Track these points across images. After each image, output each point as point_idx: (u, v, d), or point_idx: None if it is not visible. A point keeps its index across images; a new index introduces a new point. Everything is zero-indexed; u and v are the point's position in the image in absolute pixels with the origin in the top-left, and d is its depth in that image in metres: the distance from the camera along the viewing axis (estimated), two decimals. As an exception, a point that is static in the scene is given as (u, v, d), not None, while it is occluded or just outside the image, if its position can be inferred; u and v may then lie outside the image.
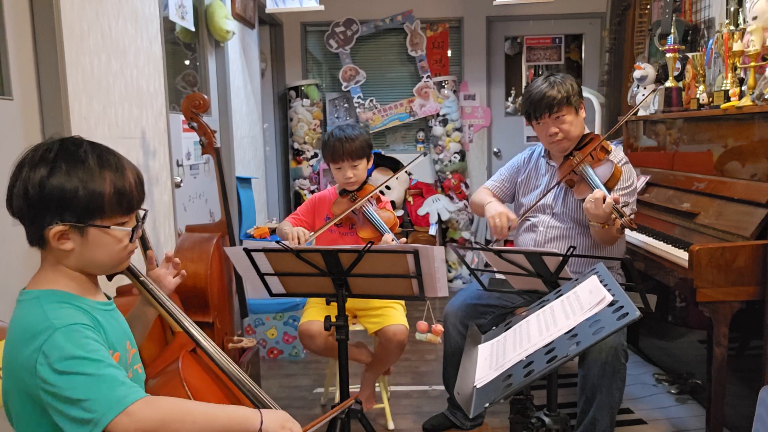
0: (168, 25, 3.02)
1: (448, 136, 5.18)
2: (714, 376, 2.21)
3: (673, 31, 3.13)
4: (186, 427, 1.12)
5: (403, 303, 2.64)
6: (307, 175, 5.26)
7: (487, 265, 2.15)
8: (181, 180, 3.00)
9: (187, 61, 3.58)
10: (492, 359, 1.38)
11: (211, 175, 3.53)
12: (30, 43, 2.01)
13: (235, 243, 2.78)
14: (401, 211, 4.93)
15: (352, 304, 2.36)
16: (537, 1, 4.13)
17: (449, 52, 5.34)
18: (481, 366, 1.39)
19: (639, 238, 2.67)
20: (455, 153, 5.18)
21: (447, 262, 4.94)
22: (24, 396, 1.12)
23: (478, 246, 2.17)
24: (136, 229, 1.24)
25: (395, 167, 4.77)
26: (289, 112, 5.26)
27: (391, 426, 2.70)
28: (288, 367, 3.46)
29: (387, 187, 4.53)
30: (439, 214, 4.96)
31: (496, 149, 5.42)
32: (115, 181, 1.17)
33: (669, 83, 3.10)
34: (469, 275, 3.99)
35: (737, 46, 2.48)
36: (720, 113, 2.55)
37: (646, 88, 3.35)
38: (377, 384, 2.72)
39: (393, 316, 2.50)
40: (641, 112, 3.32)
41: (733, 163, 2.52)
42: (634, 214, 2.10)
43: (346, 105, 5.40)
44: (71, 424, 1.07)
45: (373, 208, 2.48)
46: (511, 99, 5.56)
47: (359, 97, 5.25)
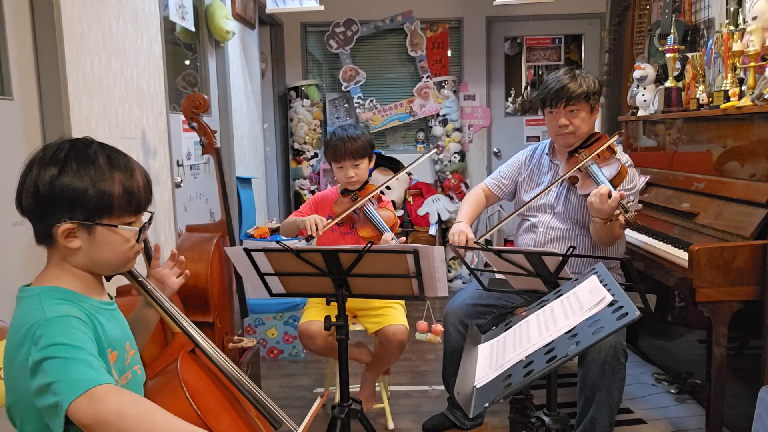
0: (168, 25, 3.02)
1: (448, 136, 5.18)
2: (713, 375, 2.21)
3: (672, 31, 3.13)
4: (142, 426, 1.04)
5: (403, 303, 2.64)
6: (307, 175, 5.26)
7: (487, 265, 2.15)
8: (181, 180, 3.00)
9: (187, 61, 3.58)
10: (492, 359, 1.38)
11: (211, 175, 3.53)
12: (30, 43, 2.01)
13: (235, 243, 2.78)
14: (401, 211, 4.93)
15: (352, 304, 2.36)
16: (537, 2, 4.13)
17: (449, 53, 5.35)
18: (481, 366, 1.39)
19: (639, 238, 2.67)
20: (455, 153, 5.18)
21: (447, 262, 4.94)
22: (26, 395, 1.11)
23: (478, 246, 2.17)
24: (143, 230, 1.25)
25: (395, 167, 4.78)
26: (289, 113, 5.26)
27: (391, 426, 2.70)
28: (288, 367, 3.46)
29: (387, 187, 4.53)
30: (439, 214, 4.96)
31: (495, 149, 5.42)
32: (124, 181, 1.19)
33: (669, 83, 3.10)
34: (469, 275, 3.99)
35: (737, 46, 2.48)
36: (720, 113, 2.55)
37: (646, 88, 3.35)
38: (377, 384, 2.72)
39: (393, 316, 2.50)
40: (641, 113, 3.32)
41: (733, 163, 2.52)
42: (637, 212, 2.10)
43: (346, 105, 5.40)
44: (49, 417, 1.04)
45: (374, 207, 2.49)
46: (510, 99, 5.56)
47: (359, 97, 5.25)
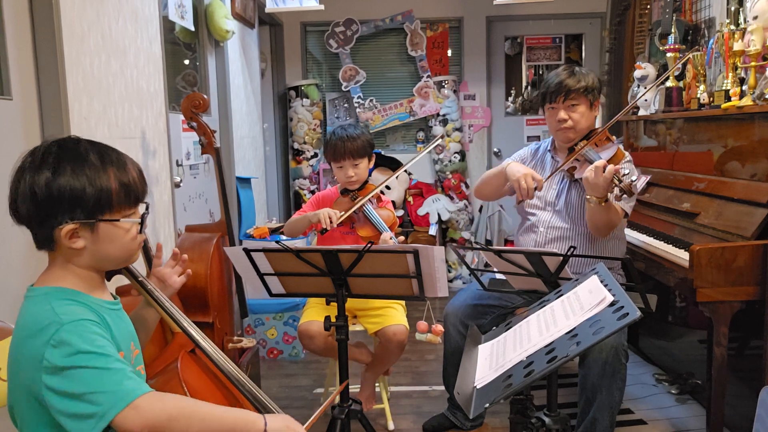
0: (168, 25, 3.02)
1: (448, 136, 5.18)
2: (714, 376, 2.21)
3: (673, 30, 3.12)
4: (193, 425, 1.12)
5: (403, 303, 2.63)
6: (307, 175, 5.26)
7: (487, 265, 2.15)
8: (180, 180, 3.00)
9: (186, 61, 3.57)
10: (492, 359, 1.38)
11: (210, 175, 3.53)
12: (30, 43, 2.00)
13: (234, 243, 2.78)
14: (401, 211, 4.93)
15: (352, 304, 2.36)
16: (537, 1, 4.13)
17: (449, 52, 5.34)
18: (481, 366, 1.39)
19: (639, 238, 2.67)
20: (455, 153, 5.18)
21: (447, 262, 4.94)
22: (27, 395, 1.11)
23: (478, 246, 2.17)
24: (143, 218, 1.26)
25: (395, 167, 4.77)
26: (289, 112, 5.26)
27: (391, 426, 2.70)
28: (288, 367, 3.46)
29: (387, 186, 4.52)
30: (439, 214, 4.96)
31: (496, 149, 5.42)
32: (119, 175, 1.19)
33: (669, 83, 3.10)
34: (469, 275, 3.99)
35: (738, 46, 2.48)
36: (720, 113, 2.54)
37: (646, 88, 3.34)
38: (377, 384, 2.72)
39: (393, 316, 2.50)
40: (642, 112, 3.32)
41: (734, 163, 2.52)
42: (632, 182, 2.07)
43: (346, 105, 5.39)
44: (73, 421, 1.06)
45: (373, 206, 2.49)
46: (511, 99, 5.56)
47: (359, 97, 5.25)
